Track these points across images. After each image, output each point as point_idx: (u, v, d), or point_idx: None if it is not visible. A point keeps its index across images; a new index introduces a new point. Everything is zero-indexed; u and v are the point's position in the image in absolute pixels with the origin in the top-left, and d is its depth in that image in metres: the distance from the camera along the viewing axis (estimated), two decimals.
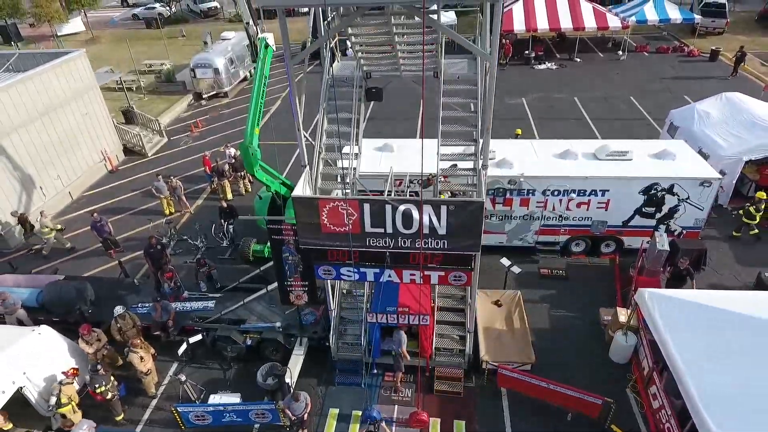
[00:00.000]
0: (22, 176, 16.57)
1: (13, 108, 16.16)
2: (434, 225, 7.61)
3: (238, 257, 15.00)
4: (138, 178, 20.13)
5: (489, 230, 14.13)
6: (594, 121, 22.38)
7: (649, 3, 29.85)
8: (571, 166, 13.49)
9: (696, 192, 12.90)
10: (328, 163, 9.37)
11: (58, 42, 37.04)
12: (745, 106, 16.35)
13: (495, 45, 7.04)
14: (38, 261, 15.60)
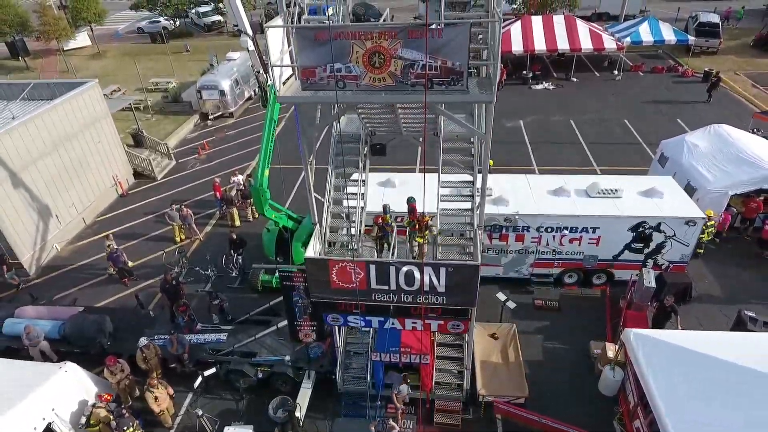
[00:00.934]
0: (40, 206, 17.28)
1: (32, 142, 16.89)
2: (434, 284, 8.35)
3: (247, 287, 15.75)
4: (148, 202, 20.86)
5: (486, 263, 14.77)
6: (589, 145, 23.09)
7: (644, 24, 30.62)
8: (563, 203, 14.23)
9: (682, 230, 13.65)
10: (337, 215, 10.06)
11: (64, 57, 37.74)
12: (732, 139, 17.06)
13: (489, 129, 7.74)
14: (55, 289, 16.32)
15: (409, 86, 6.44)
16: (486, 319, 13.66)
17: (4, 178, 15.91)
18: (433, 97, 6.45)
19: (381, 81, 6.45)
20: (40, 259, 17.36)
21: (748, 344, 10.42)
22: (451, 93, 6.44)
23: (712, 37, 32.39)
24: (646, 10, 41.05)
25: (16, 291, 16.08)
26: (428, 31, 5.94)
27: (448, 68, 6.22)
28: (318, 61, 6.42)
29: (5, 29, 34.89)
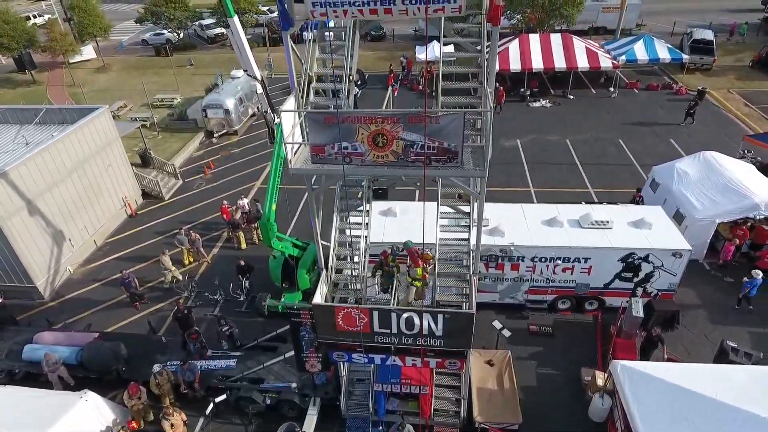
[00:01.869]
0: (54, 232, 17.96)
1: (46, 170, 17.56)
2: (432, 329, 9.03)
3: (254, 311, 16.42)
4: (157, 223, 21.53)
5: (483, 290, 15.58)
6: (584, 165, 23.76)
7: (639, 42, 31.27)
8: (557, 234, 14.90)
9: (669, 261, 14.32)
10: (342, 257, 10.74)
11: (70, 70, 38.43)
12: (720, 167, 17.71)
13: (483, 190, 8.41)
14: (69, 313, 16.99)
15: (409, 162, 7.11)
16: (482, 346, 14.35)
17: (21, 206, 16.58)
18: (431, 172, 7.13)
19: (384, 158, 7.13)
20: (54, 283, 18.04)
21: (728, 377, 11.07)
22: (447, 168, 7.12)
23: (706, 55, 33.03)
24: (642, 24, 41.69)
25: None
26: (427, 117, 6.62)
27: (445, 149, 6.89)
28: (327, 140, 7.10)
29: (13, 45, 35.52)
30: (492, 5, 6.53)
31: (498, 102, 28.10)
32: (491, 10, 6.59)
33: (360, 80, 32.66)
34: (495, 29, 6.84)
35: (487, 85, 7.25)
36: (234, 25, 13.25)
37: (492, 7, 6.54)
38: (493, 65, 7.10)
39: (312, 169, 7.52)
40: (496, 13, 6.62)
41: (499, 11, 6.63)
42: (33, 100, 35.10)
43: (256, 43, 43.34)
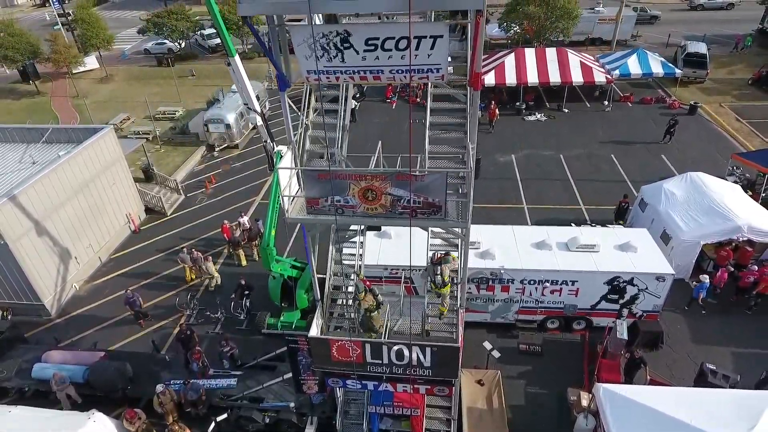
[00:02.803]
0: (61, 251, 18.56)
1: (53, 191, 18.15)
2: (421, 360, 9.61)
3: (254, 328, 17.01)
4: (159, 239, 22.12)
5: (474, 310, 16.20)
6: (577, 182, 24.32)
7: (632, 57, 31.84)
8: (545, 257, 15.48)
9: (653, 284, 14.89)
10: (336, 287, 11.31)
11: (73, 81, 39.04)
12: (706, 188, 18.26)
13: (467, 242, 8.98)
14: (75, 330, 17.58)
15: (397, 214, 7.70)
16: (474, 365, 14.93)
17: (29, 228, 17.18)
18: (416, 222, 7.71)
19: (374, 210, 7.71)
20: (61, 300, 18.64)
21: (704, 401, 11.62)
22: (432, 220, 7.70)
23: (699, 68, 33.58)
24: (637, 35, 42.23)
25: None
26: (412, 175, 7.21)
27: (429, 203, 7.47)
28: (321, 194, 7.68)
29: (17, 57, 36.15)
30: (473, 73, 7.10)
31: (490, 120, 28.60)
32: (472, 77, 7.16)
33: (359, 93, 33.20)
34: (476, 93, 7.40)
35: (469, 141, 7.81)
36: (235, 64, 13.81)
37: (473, 74, 7.11)
38: (474, 125, 7.65)
39: (307, 219, 8.10)
40: (476, 79, 7.19)
41: (480, 78, 7.20)
42: (37, 111, 35.78)
43: (257, 54, 44.03)
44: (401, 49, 6.68)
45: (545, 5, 34.56)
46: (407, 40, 6.57)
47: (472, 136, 7.84)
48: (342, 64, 6.98)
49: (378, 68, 6.98)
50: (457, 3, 5.87)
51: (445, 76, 7.07)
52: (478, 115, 7.71)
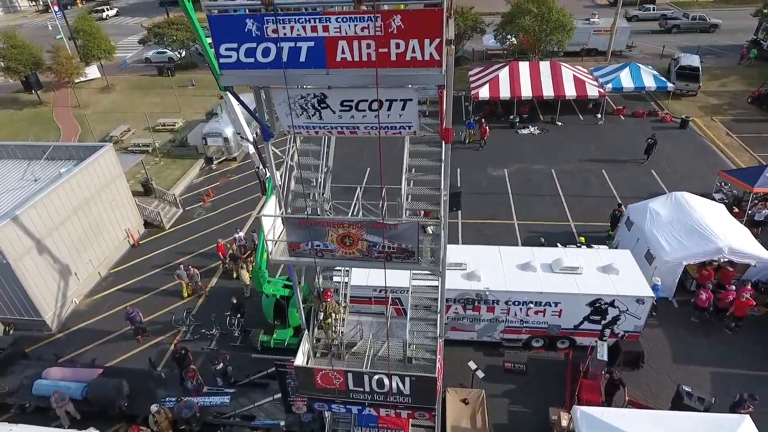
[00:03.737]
0: (61, 267, 19.11)
1: (54, 210, 18.69)
2: (401, 388, 10.10)
3: (248, 345, 17.52)
4: (158, 253, 22.65)
5: (461, 328, 16.70)
6: (567, 198, 24.75)
7: (625, 70, 32.22)
8: (530, 279, 15.95)
9: (633, 306, 15.35)
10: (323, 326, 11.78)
11: (74, 90, 39.65)
12: (690, 209, 18.66)
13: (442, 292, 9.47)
14: (75, 345, 18.12)
15: (373, 259, 8.19)
16: (460, 383, 15.42)
17: (31, 246, 17.71)
18: (391, 266, 8.20)
19: (351, 254, 8.21)
20: (61, 315, 19.17)
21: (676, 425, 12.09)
22: (406, 264, 8.19)
23: (692, 81, 33.93)
24: (633, 46, 42.62)
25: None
26: (385, 224, 7.70)
27: (403, 249, 7.96)
28: (302, 239, 8.17)
29: (20, 68, 36.75)
30: (443, 128, 7.58)
31: (482, 137, 28.98)
32: (443, 132, 7.64)
33: None
34: (447, 146, 7.88)
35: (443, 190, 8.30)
36: (227, 98, 14.25)
37: (443, 130, 7.59)
38: (447, 175, 8.13)
39: (290, 260, 8.60)
40: (446, 134, 7.67)
41: (450, 133, 7.68)
42: (39, 122, 36.40)
43: None
44: (374, 109, 7.16)
45: (540, 18, 34.99)
46: (379, 103, 7.06)
47: (445, 184, 8.31)
48: (320, 121, 7.47)
49: (354, 125, 7.47)
50: (419, 80, 6.34)
51: (417, 132, 7.55)
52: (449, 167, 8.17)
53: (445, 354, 16.12)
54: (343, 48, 6.08)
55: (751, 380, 15.36)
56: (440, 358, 10.68)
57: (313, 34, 6.02)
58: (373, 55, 6.04)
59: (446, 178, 8.23)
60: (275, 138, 8.15)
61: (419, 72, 6.13)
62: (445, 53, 6.08)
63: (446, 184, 8.30)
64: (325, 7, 5.99)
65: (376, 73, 6.12)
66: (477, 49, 43.94)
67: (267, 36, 6.12)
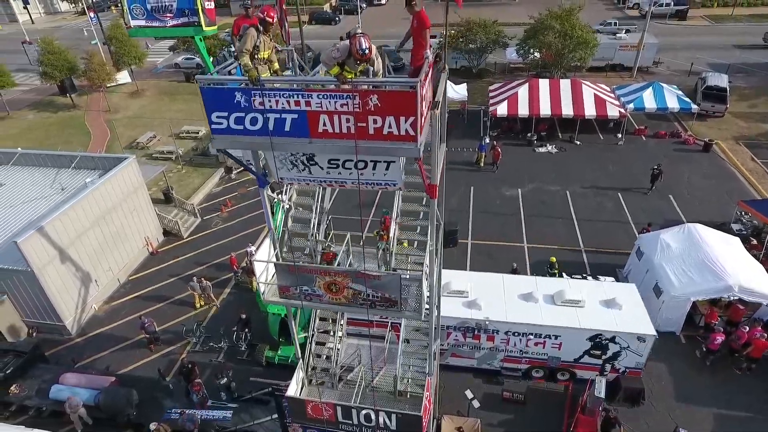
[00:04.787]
0: (83, 275, 20.05)
1: (78, 220, 19.63)
2: (387, 423, 10.39)
3: (254, 360, 18.07)
4: (175, 262, 23.47)
5: (461, 355, 16.87)
6: (580, 221, 24.56)
7: (648, 90, 31.66)
8: (531, 310, 16.01)
9: (635, 344, 15.25)
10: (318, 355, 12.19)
11: (106, 95, 41.24)
12: (701, 242, 18.35)
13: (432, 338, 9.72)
14: (91, 351, 19.02)
15: (358, 305, 8.51)
16: (457, 411, 15.60)
17: (54, 255, 18.67)
18: (375, 312, 8.52)
19: (338, 300, 8.55)
20: (80, 320, 20.11)
21: None
22: (389, 311, 8.48)
23: (718, 102, 33.10)
24: (659, 62, 41.74)
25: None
26: (369, 275, 8.01)
27: (386, 298, 8.26)
28: (291, 283, 8.56)
29: (56, 74, 38.46)
30: (426, 184, 7.84)
31: (494, 161, 28.75)
32: (427, 188, 7.90)
33: None
34: (432, 201, 8.14)
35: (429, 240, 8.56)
36: None
37: (427, 185, 7.85)
38: (433, 230, 8.39)
39: (280, 302, 9.01)
40: (431, 189, 7.93)
41: (435, 189, 7.93)
42: (71, 126, 38.01)
43: None
44: (360, 168, 7.49)
45: (562, 35, 34.68)
46: (364, 163, 7.38)
47: (432, 234, 8.57)
48: (309, 175, 7.85)
49: (341, 180, 7.83)
50: (396, 152, 6.62)
51: (402, 188, 7.84)
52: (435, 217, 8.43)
53: (444, 380, 16.45)
54: (325, 121, 6.42)
55: (759, 424, 15.07)
56: (428, 395, 10.92)
57: (297, 107, 6.39)
58: (353, 128, 6.37)
59: (434, 231, 8.48)
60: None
61: (396, 145, 6.42)
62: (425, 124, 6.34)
63: (434, 235, 8.55)
64: (307, 84, 6.35)
65: (355, 144, 6.44)
66: (499, 61, 43.73)
67: (254, 107, 6.52)
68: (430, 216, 8.35)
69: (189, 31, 14.80)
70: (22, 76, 47.29)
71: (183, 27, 13.86)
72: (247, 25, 7.69)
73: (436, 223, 9.46)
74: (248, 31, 7.24)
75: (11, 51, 52.46)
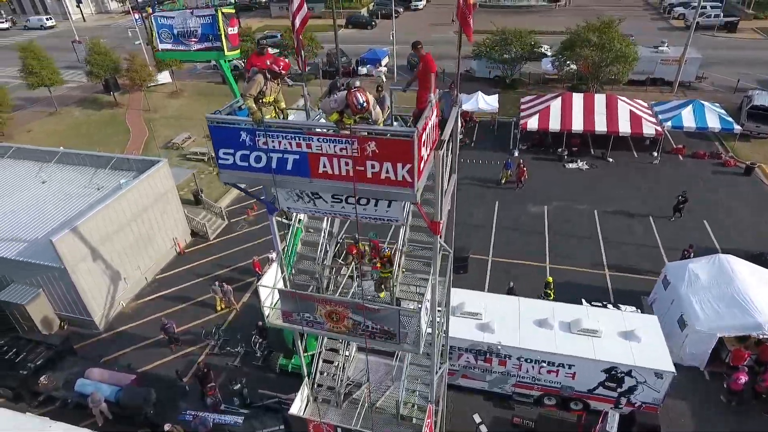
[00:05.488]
0: (112, 273, 20.95)
1: (110, 221, 20.52)
2: None
3: (268, 367, 18.44)
4: (201, 263, 24.19)
5: (472, 377, 16.73)
6: (606, 243, 23.90)
7: (688, 108, 30.48)
8: (545, 337, 15.73)
9: (652, 379, 14.77)
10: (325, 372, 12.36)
11: (146, 94, 42.85)
12: (732, 276, 17.56)
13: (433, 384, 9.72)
14: (116, 347, 19.84)
15: (358, 335, 8.61)
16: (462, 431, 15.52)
17: (86, 254, 19.58)
18: (374, 344, 8.60)
19: (338, 329, 8.68)
20: (108, 316, 21.01)
21: None
22: (388, 343, 8.55)
23: (765, 123, 31.54)
24: (703, 77, 40.09)
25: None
26: (368, 307, 8.10)
27: (385, 330, 8.32)
28: (294, 310, 8.74)
29: (101, 73, 40.27)
30: (428, 221, 7.86)
31: (519, 178, 28.13)
32: (430, 226, 7.93)
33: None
34: (435, 238, 8.15)
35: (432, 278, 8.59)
36: None
37: (429, 223, 7.87)
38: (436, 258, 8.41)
39: (284, 326, 9.21)
40: (434, 226, 7.94)
41: (438, 226, 7.94)
42: (113, 124, 39.69)
43: (314, 75, 46.04)
44: (362, 204, 7.58)
45: (600, 49, 33.80)
46: (367, 198, 7.47)
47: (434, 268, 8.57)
48: (314, 207, 8.00)
49: (345, 213, 7.94)
50: (394, 196, 6.67)
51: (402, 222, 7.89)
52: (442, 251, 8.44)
53: (454, 400, 16.38)
54: (325, 162, 6.55)
55: None
56: (429, 422, 10.91)
57: (298, 149, 6.54)
58: (351, 171, 6.47)
59: (436, 264, 8.48)
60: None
61: (393, 189, 6.48)
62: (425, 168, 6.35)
63: (436, 270, 8.56)
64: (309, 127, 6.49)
65: (353, 187, 6.54)
66: (534, 72, 42.99)
67: (258, 146, 6.71)
68: (434, 249, 8.36)
69: (212, 55, 15.47)
70: (71, 72, 49.71)
71: (206, 51, 14.60)
72: (256, 69, 7.89)
73: (445, 252, 9.51)
74: (256, 77, 7.44)
75: (63, 48, 55.11)
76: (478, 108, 34.40)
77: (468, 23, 7.85)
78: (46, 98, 42.10)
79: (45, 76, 38.69)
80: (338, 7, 64.68)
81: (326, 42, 47.08)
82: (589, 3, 67.98)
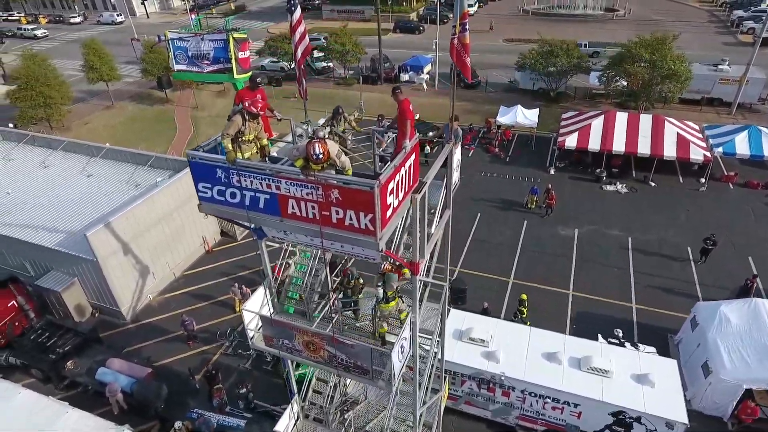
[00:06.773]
0: (142, 268, 22.03)
1: (143, 218, 21.57)
2: None
3: (276, 372, 18.84)
4: (226, 263, 25.00)
5: (475, 405, 16.43)
6: (636, 274, 22.78)
7: (742, 134, 28.55)
8: (552, 372, 15.21)
9: (662, 428, 13.98)
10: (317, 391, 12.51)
11: (195, 92, 44.67)
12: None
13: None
14: (139, 339, 20.85)
15: (334, 367, 8.67)
16: None
17: (118, 248, 20.69)
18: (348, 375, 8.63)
19: (316, 357, 8.76)
20: (136, 308, 22.12)
21: None
22: (362, 378, 8.55)
23: None
24: (767, 99, 37.36)
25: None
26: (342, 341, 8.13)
27: (358, 365, 8.33)
28: (274, 335, 8.91)
29: (154, 71, 42.37)
30: (406, 264, 7.81)
31: (549, 206, 26.84)
32: (408, 266, 7.87)
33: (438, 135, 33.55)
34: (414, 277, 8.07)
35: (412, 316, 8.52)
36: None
37: (407, 264, 7.82)
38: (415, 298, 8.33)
39: (267, 349, 9.41)
40: (414, 268, 7.88)
41: (418, 267, 7.87)
42: (162, 120, 41.68)
43: (356, 80, 46.53)
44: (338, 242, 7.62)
45: (650, 66, 32.19)
46: None
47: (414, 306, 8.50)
48: (296, 238, 8.12)
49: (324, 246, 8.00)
50: (358, 243, 6.65)
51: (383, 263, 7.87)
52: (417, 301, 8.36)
53: (457, 426, 16.15)
54: (293, 204, 6.64)
55: None
56: None
57: (268, 189, 6.66)
58: (318, 215, 6.52)
59: (416, 311, 8.41)
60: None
61: (357, 236, 6.48)
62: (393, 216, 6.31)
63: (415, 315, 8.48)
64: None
65: (320, 231, 6.59)
66: (580, 85, 41.51)
67: (233, 184, 6.89)
68: (413, 288, 8.29)
69: (223, 77, 16.42)
70: (130, 68, 52.52)
71: (218, 73, 15.56)
72: (236, 108, 8.14)
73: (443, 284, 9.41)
74: (234, 117, 7.64)
75: (126, 43, 58.33)
76: (516, 122, 33.59)
77: (465, 64, 7.74)
78: (104, 92, 44.77)
79: (104, 72, 41.17)
80: (387, 11, 64.89)
81: (372, 46, 47.46)
82: (650, 14, 64.86)
